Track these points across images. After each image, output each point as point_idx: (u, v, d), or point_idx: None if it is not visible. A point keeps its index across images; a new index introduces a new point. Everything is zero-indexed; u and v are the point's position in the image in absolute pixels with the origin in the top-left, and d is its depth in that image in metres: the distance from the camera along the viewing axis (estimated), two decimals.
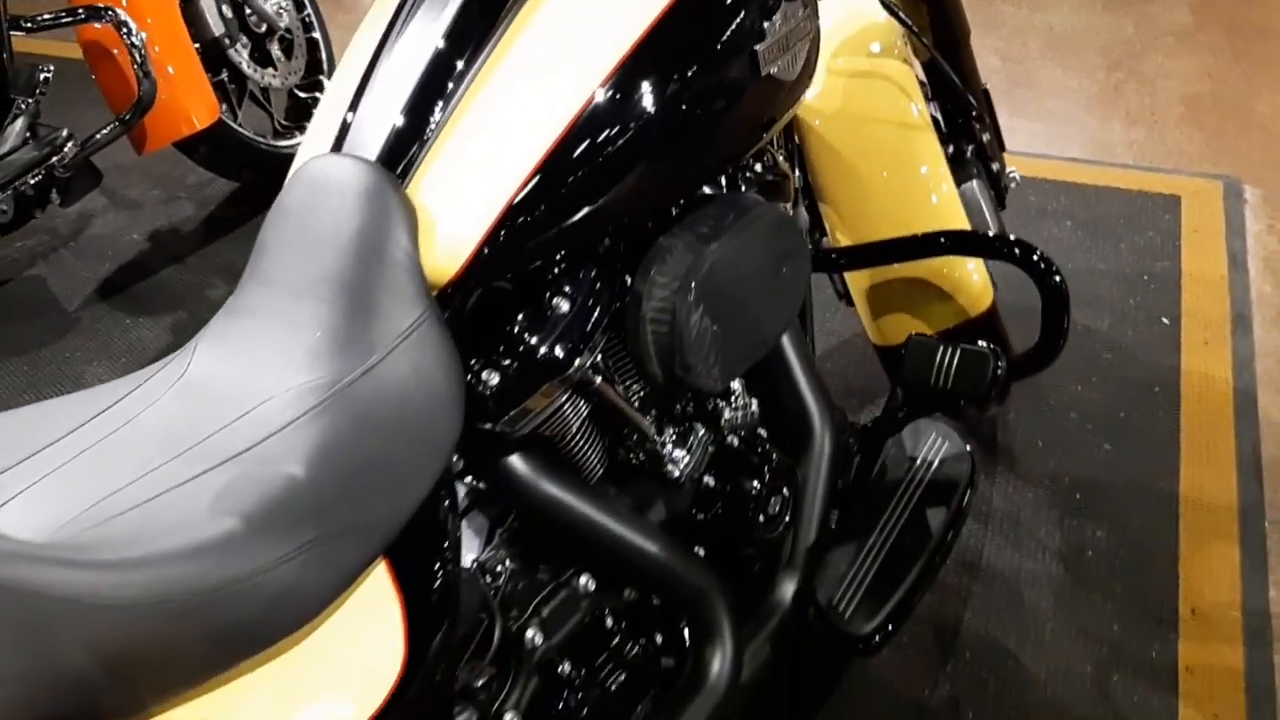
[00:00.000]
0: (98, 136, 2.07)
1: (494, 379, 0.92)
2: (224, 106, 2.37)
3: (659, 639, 1.12)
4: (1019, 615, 1.53)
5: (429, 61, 0.92)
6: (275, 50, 2.56)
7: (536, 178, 0.89)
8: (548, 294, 0.96)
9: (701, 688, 1.09)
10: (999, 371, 1.22)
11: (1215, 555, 1.60)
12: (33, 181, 2.00)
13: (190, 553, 0.68)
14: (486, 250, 0.89)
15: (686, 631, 1.13)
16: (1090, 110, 2.84)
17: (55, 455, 0.76)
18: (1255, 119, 2.73)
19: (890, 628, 1.15)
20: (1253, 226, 2.31)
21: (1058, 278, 1.26)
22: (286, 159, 2.55)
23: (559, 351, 0.94)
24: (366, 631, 0.78)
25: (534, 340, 0.94)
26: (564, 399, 0.98)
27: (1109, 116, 2.80)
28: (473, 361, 0.92)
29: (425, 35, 0.93)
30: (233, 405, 0.80)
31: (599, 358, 1.00)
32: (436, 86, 0.91)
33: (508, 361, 0.93)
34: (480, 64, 0.92)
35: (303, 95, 2.67)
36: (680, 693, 1.09)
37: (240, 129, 2.43)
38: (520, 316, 0.95)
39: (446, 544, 0.87)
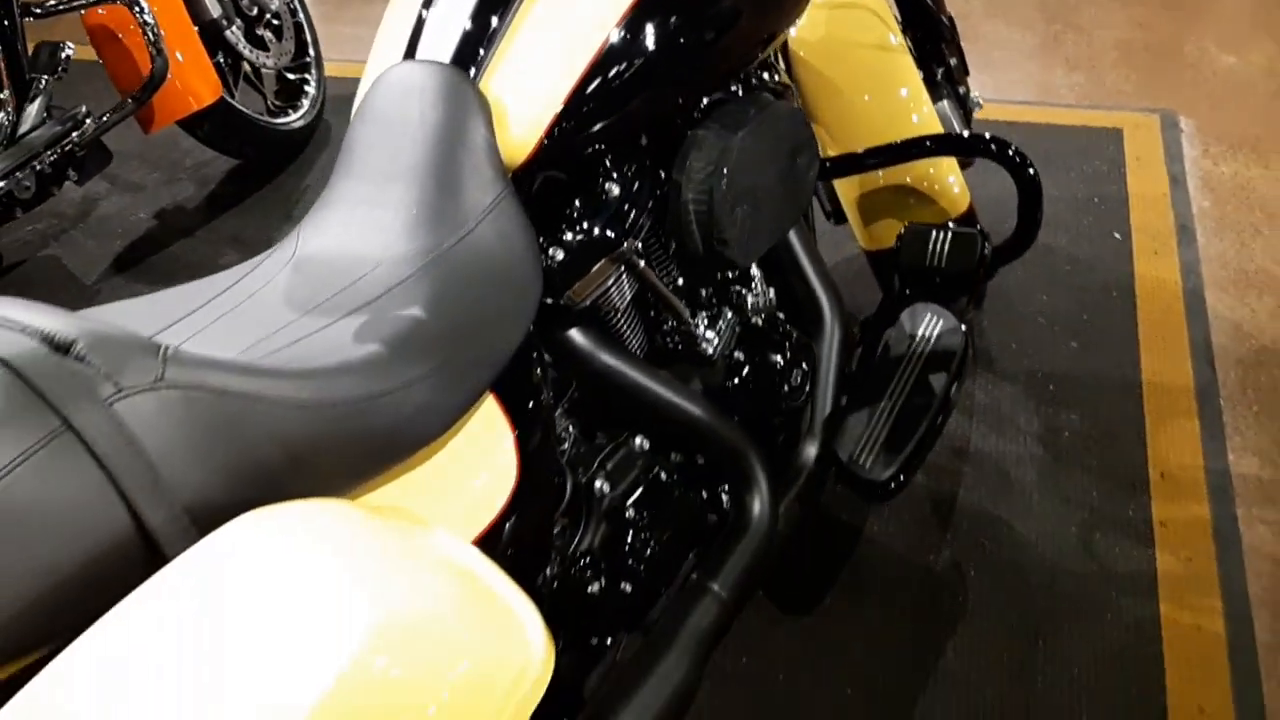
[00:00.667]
0: (110, 115, 2.14)
1: (558, 254, 1.05)
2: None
3: (705, 495, 1.26)
4: (1007, 490, 1.70)
5: None
6: (266, 33, 2.65)
7: (588, 76, 1.03)
8: (600, 181, 1.10)
9: (744, 535, 1.23)
10: (986, 250, 1.38)
11: (1177, 429, 1.78)
12: (50, 160, 2.08)
13: (346, 368, 0.80)
14: (548, 141, 1.02)
15: (726, 494, 1.27)
16: (1033, 59, 3.03)
17: (188, 327, 0.87)
18: (1185, 60, 2.94)
19: (904, 476, 1.29)
20: (1189, 152, 2.50)
21: (1031, 170, 1.42)
22: (284, 135, 2.66)
23: (611, 231, 1.08)
24: (485, 451, 0.92)
25: (590, 221, 1.08)
26: (614, 278, 1.12)
27: (1050, 64, 2.99)
28: (540, 239, 1.05)
29: None
30: (346, 272, 0.93)
31: (641, 246, 1.13)
32: None
33: (569, 238, 1.06)
34: None
35: (292, 77, 2.77)
36: (725, 539, 1.23)
37: (241, 107, 2.52)
38: (578, 202, 1.09)
39: (538, 386, 1.00)
